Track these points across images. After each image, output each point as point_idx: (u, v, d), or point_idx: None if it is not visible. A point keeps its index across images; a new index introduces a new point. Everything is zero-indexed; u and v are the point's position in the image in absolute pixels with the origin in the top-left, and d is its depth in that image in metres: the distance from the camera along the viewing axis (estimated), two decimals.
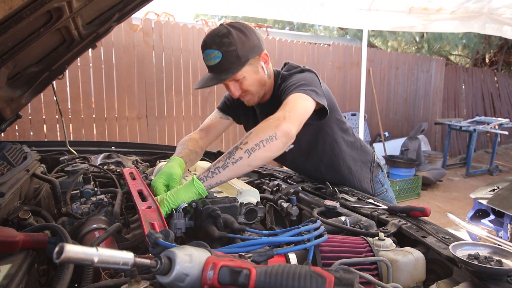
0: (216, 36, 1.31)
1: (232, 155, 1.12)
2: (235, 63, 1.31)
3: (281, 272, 0.56)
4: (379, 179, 1.77)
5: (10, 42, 1.03)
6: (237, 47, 1.30)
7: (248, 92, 1.43)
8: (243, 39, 1.32)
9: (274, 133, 1.13)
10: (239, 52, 1.30)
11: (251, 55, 1.34)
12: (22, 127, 3.99)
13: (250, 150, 1.11)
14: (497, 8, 4.36)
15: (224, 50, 1.29)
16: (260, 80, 1.42)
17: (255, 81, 1.41)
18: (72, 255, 0.48)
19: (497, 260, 0.77)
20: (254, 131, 1.15)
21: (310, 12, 4.45)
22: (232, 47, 1.29)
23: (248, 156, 1.11)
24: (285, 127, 1.15)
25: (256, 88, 1.43)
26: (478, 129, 7.05)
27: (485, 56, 12.33)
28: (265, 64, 1.43)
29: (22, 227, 0.97)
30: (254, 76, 1.40)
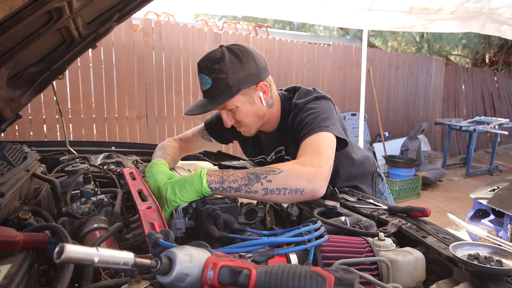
0: (209, 60, 1.23)
1: (249, 184, 1.03)
2: (225, 92, 1.22)
3: (281, 272, 0.56)
4: (379, 188, 1.72)
5: (10, 42, 1.03)
6: (228, 76, 1.20)
7: (242, 123, 1.34)
8: (236, 67, 1.22)
9: (303, 188, 1.03)
10: (229, 81, 1.21)
11: (244, 85, 1.24)
12: (22, 127, 3.99)
13: (269, 191, 1.03)
14: (497, 8, 4.36)
15: (214, 77, 1.21)
16: (257, 112, 1.32)
17: (250, 112, 1.31)
18: (72, 255, 0.48)
19: (497, 260, 0.77)
20: (286, 174, 1.04)
21: (310, 12, 4.45)
22: (222, 75, 1.20)
23: (263, 194, 1.03)
24: (317, 186, 1.04)
25: (252, 119, 1.33)
26: (478, 129, 7.05)
27: (485, 56, 12.33)
28: (264, 95, 1.31)
29: (22, 227, 0.97)
30: (249, 107, 1.29)
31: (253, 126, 1.37)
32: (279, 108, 1.41)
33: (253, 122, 1.35)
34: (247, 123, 1.34)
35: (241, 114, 1.30)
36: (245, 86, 1.25)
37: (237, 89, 1.23)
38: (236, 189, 1.03)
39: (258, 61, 1.28)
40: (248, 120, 1.33)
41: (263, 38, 5.67)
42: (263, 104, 1.32)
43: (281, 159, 1.48)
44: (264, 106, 1.33)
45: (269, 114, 1.39)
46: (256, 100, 1.30)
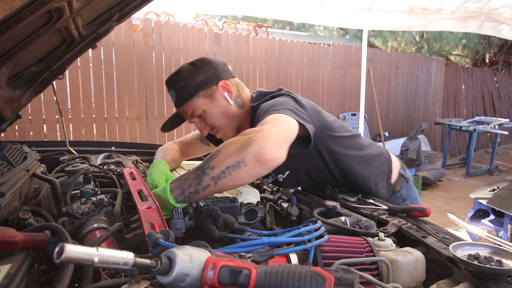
0: (170, 76, 1.34)
1: (200, 182, 0.97)
2: (186, 98, 1.29)
3: (281, 272, 0.56)
4: (401, 194, 1.53)
5: (10, 42, 1.03)
6: (186, 82, 1.29)
7: (215, 127, 1.34)
8: (192, 72, 1.30)
9: (243, 157, 0.91)
10: (188, 87, 1.29)
11: (203, 87, 1.29)
12: (22, 127, 3.99)
13: (216, 178, 0.95)
14: (497, 8, 4.36)
15: (176, 88, 1.31)
16: (225, 112, 1.33)
17: (219, 113, 1.32)
18: (72, 255, 0.48)
19: (497, 260, 0.77)
20: (222, 150, 0.97)
21: (310, 12, 4.45)
22: (180, 83, 1.29)
23: (214, 184, 0.95)
24: (257, 148, 0.90)
25: (223, 121, 1.33)
26: (478, 129, 7.05)
27: (485, 56, 12.33)
28: (228, 94, 1.32)
29: (22, 227, 0.97)
30: (215, 108, 1.31)
31: (228, 128, 1.36)
32: (249, 111, 1.36)
33: (226, 123, 1.34)
34: (219, 125, 1.34)
35: (210, 117, 1.32)
36: (204, 88, 1.30)
37: (196, 91, 1.29)
38: (195, 193, 0.98)
39: (216, 65, 1.33)
40: (219, 122, 1.34)
41: (263, 38, 5.67)
42: (230, 103, 1.33)
43: None
44: (232, 105, 1.34)
45: (242, 115, 1.37)
46: (220, 99, 1.32)
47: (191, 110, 1.32)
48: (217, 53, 5.14)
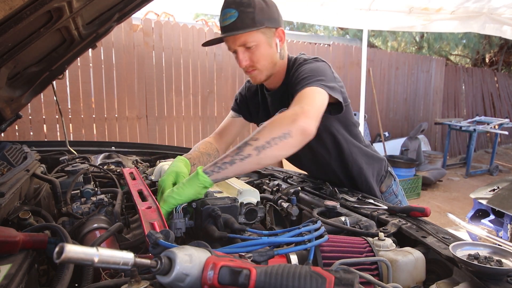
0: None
1: (240, 151, 1.04)
2: (250, 25, 1.26)
3: (281, 272, 0.56)
4: (392, 189, 1.67)
5: (10, 42, 1.03)
6: (255, 10, 1.25)
7: (256, 65, 1.35)
8: (263, 5, 1.28)
9: (289, 130, 1.04)
10: (256, 16, 1.26)
11: (268, 23, 1.29)
12: (22, 127, 3.99)
13: (260, 148, 1.03)
14: (497, 8, 4.36)
15: (242, 10, 1.25)
16: (272, 56, 1.36)
17: (267, 55, 1.34)
18: (72, 255, 0.48)
19: (497, 260, 0.77)
20: (268, 126, 1.07)
21: (310, 12, 4.45)
22: (250, 9, 1.25)
23: (257, 154, 1.03)
24: (302, 123, 1.05)
25: (266, 63, 1.36)
26: (478, 129, 7.05)
27: (485, 56, 12.33)
28: (279, 42, 1.36)
29: (22, 227, 0.97)
30: (267, 48, 1.33)
31: (265, 72, 1.38)
32: (286, 65, 1.44)
33: (267, 66, 1.37)
34: (261, 66, 1.36)
35: (258, 54, 1.32)
36: (268, 25, 1.30)
37: (261, 25, 1.27)
38: (230, 162, 1.04)
39: (278, 11, 1.36)
40: (263, 63, 1.35)
41: None
42: (278, 51, 1.37)
43: None
44: (278, 53, 1.38)
45: (279, 66, 1.42)
46: (273, 44, 1.35)
47: (245, 38, 1.29)
48: (217, 53, 5.14)
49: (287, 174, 1.71)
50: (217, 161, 1.07)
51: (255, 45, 1.30)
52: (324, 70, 1.32)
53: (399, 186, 1.73)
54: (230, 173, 1.06)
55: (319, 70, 1.30)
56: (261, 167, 1.12)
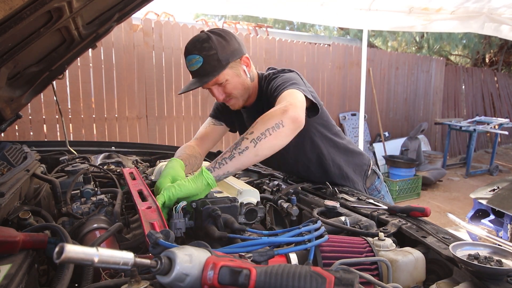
0: (197, 42, 1.35)
1: (238, 146, 1.11)
2: (216, 66, 1.34)
3: (281, 272, 0.56)
4: (376, 186, 1.77)
5: (10, 42, 1.03)
6: (218, 51, 1.33)
7: (231, 96, 1.45)
8: (223, 43, 1.35)
9: (281, 120, 1.12)
10: (219, 56, 1.33)
11: (232, 59, 1.37)
12: (22, 127, 3.99)
13: (256, 140, 1.10)
14: (497, 8, 4.36)
15: (205, 55, 1.32)
16: (243, 83, 1.44)
17: (238, 84, 1.43)
18: (72, 255, 0.48)
19: (497, 260, 0.77)
20: (260, 120, 1.15)
21: (310, 12, 4.45)
22: (212, 51, 1.32)
23: (254, 145, 1.10)
24: (292, 113, 1.14)
25: (240, 91, 1.45)
26: (478, 129, 7.05)
27: (485, 56, 12.33)
28: (247, 68, 1.45)
29: (22, 227, 0.97)
30: (237, 79, 1.42)
31: (241, 98, 1.48)
32: (257, 83, 1.54)
33: (241, 94, 1.46)
34: (236, 95, 1.45)
35: (230, 86, 1.41)
36: (233, 60, 1.38)
37: (226, 63, 1.35)
38: (230, 157, 1.11)
39: (237, 39, 1.42)
40: (237, 92, 1.45)
41: (263, 38, 5.67)
42: (248, 76, 1.46)
43: None
44: (248, 78, 1.47)
45: (251, 88, 1.51)
46: (241, 72, 1.43)
47: (215, 79, 1.37)
48: None
49: (287, 174, 1.71)
50: (217, 159, 1.13)
51: (226, 80, 1.39)
52: (295, 78, 1.40)
53: (383, 183, 1.84)
54: (231, 168, 1.11)
55: (291, 78, 1.39)
56: (259, 158, 1.14)
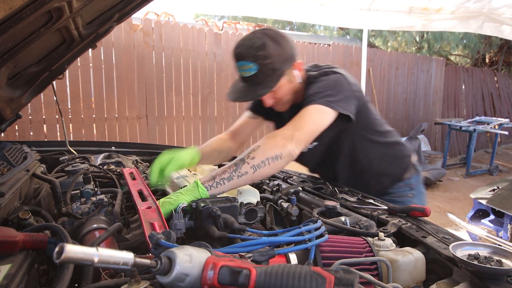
0: (252, 48, 1.27)
1: (238, 168, 1.12)
2: (271, 76, 1.30)
3: (281, 272, 0.56)
4: (410, 181, 1.66)
5: (10, 42, 1.03)
6: (273, 60, 1.27)
7: (281, 101, 1.41)
8: (279, 51, 1.29)
9: (280, 153, 1.15)
10: (275, 65, 1.28)
11: (287, 66, 1.32)
12: (22, 127, 3.99)
13: (256, 167, 1.13)
14: (497, 8, 4.36)
15: (260, 63, 1.27)
16: (294, 89, 1.41)
17: (289, 90, 1.39)
18: (72, 255, 0.48)
19: (497, 260, 0.77)
20: (262, 147, 1.16)
21: (310, 12, 4.45)
22: (268, 60, 1.26)
23: (253, 172, 1.13)
24: (290, 148, 1.17)
25: (290, 97, 1.42)
26: (478, 129, 7.05)
27: (485, 56, 12.33)
28: (299, 72, 1.39)
29: (22, 227, 0.97)
30: (289, 85, 1.38)
31: (288, 103, 1.45)
32: (304, 83, 1.46)
33: (290, 99, 1.43)
34: (285, 101, 1.42)
35: (281, 93, 1.37)
36: (287, 68, 1.32)
37: (281, 72, 1.31)
38: (228, 178, 1.12)
39: (291, 42, 1.35)
40: (287, 98, 1.41)
41: None
42: (298, 81, 1.40)
43: None
44: (298, 83, 1.41)
45: (300, 89, 1.45)
46: (292, 78, 1.38)
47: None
48: (217, 53, 5.14)
49: (287, 174, 1.71)
50: (216, 175, 1.12)
51: (279, 87, 1.34)
52: (335, 83, 1.34)
53: (420, 184, 1.72)
54: (227, 188, 1.13)
55: (330, 85, 1.33)
56: (252, 182, 1.20)
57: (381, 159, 1.59)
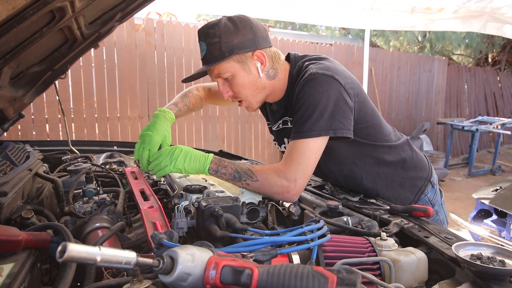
0: (206, 27, 1.22)
1: (233, 180, 1.19)
2: (218, 57, 1.20)
3: (283, 272, 0.56)
4: (428, 197, 1.48)
5: (13, 41, 1.03)
6: (221, 39, 1.18)
7: (239, 95, 1.29)
8: (230, 32, 1.19)
9: (275, 196, 1.19)
10: (222, 46, 1.18)
11: (238, 50, 1.19)
12: (24, 126, 4.00)
13: (253, 188, 1.18)
14: (499, 7, 4.34)
15: (208, 42, 1.20)
16: (254, 83, 1.26)
17: (247, 83, 1.25)
18: (75, 254, 0.48)
19: (500, 260, 0.76)
20: (260, 183, 1.17)
21: (312, 12, 4.44)
22: (215, 39, 1.18)
23: (248, 188, 1.19)
24: (286, 199, 1.20)
25: (250, 92, 1.28)
26: (481, 129, 7.03)
27: (487, 56, 12.29)
28: (261, 66, 1.25)
29: (25, 226, 0.97)
30: (245, 76, 1.24)
31: (253, 100, 1.31)
32: (286, 77, 1.34)
33: (252, 94, 1.29)
34: (244, 96, 1.29)
35: (237, 84, 1.25)
36: (239, 52, 1.20)
37: (229, 54, 1.19)
38: (225, 180, 1.21)
39: (257, 30, 1.23)
40: (245, 93, 1.28)
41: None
42: (261, 75, 1.27)
43: (285, 131, 1.42)
44: (263, 78, 1.28)
45: (272, 86, 1.32)
46: (252, 69, 1.25)
47: (217, 70, 1.23)
48: None
49: None
50: (219, 168, 1.19)
51: (231, 75, 1.24)
52: (323, 93, 1.17)
53: (438, 195, 1.52)
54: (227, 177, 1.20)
55: (317, 98, 1.17)
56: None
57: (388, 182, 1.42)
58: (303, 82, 1.22)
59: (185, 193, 1.12)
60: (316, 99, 1.17)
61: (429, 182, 1.50)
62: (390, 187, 1.44)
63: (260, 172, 1.17)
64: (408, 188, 1.46)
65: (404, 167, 1.45)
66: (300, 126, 1.18)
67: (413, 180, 1.47)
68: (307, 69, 1.25)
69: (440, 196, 1.55)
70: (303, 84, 1.22)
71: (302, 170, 1.16)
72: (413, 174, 1.47)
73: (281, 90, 1.35)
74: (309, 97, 1.19)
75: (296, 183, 1.16)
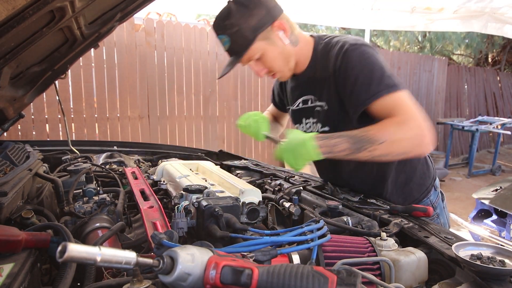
0: (219, 19, 1.23)
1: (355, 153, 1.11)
2: (244, 44, 1.22)
3: (283, 272, 0.56)
4: (430, 200, 1.48)
5: (13, 41, 1.03)
6: (241, 26, 1.19)
7: (273, 69, 1.31)
8: (246, 15, 1.19)
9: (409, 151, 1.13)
10: (244, 32, 1.19)
11: (259, 30, 1.21)
12: (24, 126, 4.00)
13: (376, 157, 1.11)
14: (499, 7, 4.35)
15: (229, 33, 1.21)
16: (283, 53, 1.29)
17: (277, 55, 1.28)
18: (75, 254, 0.48)
19: (500, 260, 0.76)
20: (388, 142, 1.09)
21: (312, 11, 4.44)
22: (234, 28, 1.19)
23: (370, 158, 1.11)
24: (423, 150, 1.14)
25: (281, 62, 1.30)
26: (481, 129, 7.03)
27: (487, 56, 12.29)
28: (284, 33, 1.27)
29: (25, 226, 0.97)
30: (273, 49, 1.26)
31: (286, 69, 1.34)
32: (310, 49, 1.36)
33: (284, 64, 1.32)
34: (278, 68, 1.31)
35: (268, 59, 1.28)
36: (260, 31, 1.22)
37: (253, 36, 1.21)
38: (344, 156, 1.12)
39: (265, 2, 1.24)
40: (278, 64, 1.30)
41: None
42: (286, 42, 1.28)
43: (304, 110, 1.43)
44: (288, 45, 1.29)
45: (297, 53, 1.34)
46: (277, 41, 1.26)
47: (247, 55, 1.25)
48: (219, 53, 5.14)
49: (289, 174, 1.71)
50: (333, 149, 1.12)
51: (261, 54, 1.26)
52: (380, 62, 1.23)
53: (441, 200, 1.54)
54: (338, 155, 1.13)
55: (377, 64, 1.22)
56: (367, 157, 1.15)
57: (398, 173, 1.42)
58: (342, 54, 1.24)
59: (185, 193, 1.12)
60: (370, 64, 1.21)
61: (433, 181, 1.50)
62: (398, 180, 1.43)
63: (380, 132, 1.10)
64: (415, 187, 1.46)
65: (415, 160, 1.44)
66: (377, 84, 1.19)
67: (420, 178, 1.47)
68: (340, 43, 1.28)
69: (442, 200, 1.55)
70: (345, 54, 1.23)
71: (418, 112, 1.13)
72: (423, 169, 1.47)
73: (305, 60, 1.36)
74: (362, 62, 1.21)
75: (426, 126, 1.10)
